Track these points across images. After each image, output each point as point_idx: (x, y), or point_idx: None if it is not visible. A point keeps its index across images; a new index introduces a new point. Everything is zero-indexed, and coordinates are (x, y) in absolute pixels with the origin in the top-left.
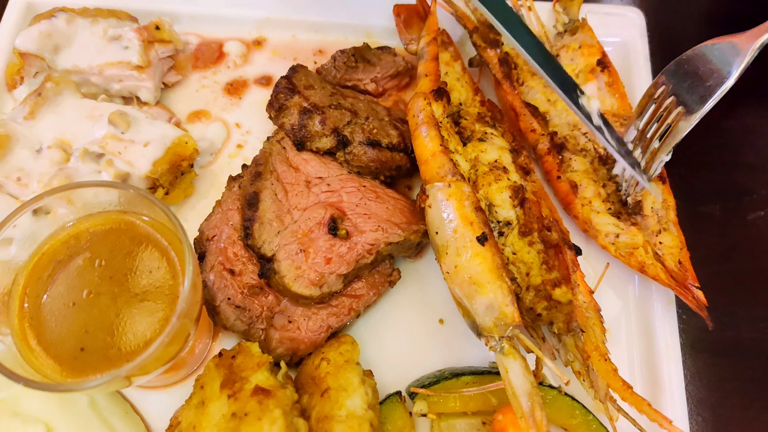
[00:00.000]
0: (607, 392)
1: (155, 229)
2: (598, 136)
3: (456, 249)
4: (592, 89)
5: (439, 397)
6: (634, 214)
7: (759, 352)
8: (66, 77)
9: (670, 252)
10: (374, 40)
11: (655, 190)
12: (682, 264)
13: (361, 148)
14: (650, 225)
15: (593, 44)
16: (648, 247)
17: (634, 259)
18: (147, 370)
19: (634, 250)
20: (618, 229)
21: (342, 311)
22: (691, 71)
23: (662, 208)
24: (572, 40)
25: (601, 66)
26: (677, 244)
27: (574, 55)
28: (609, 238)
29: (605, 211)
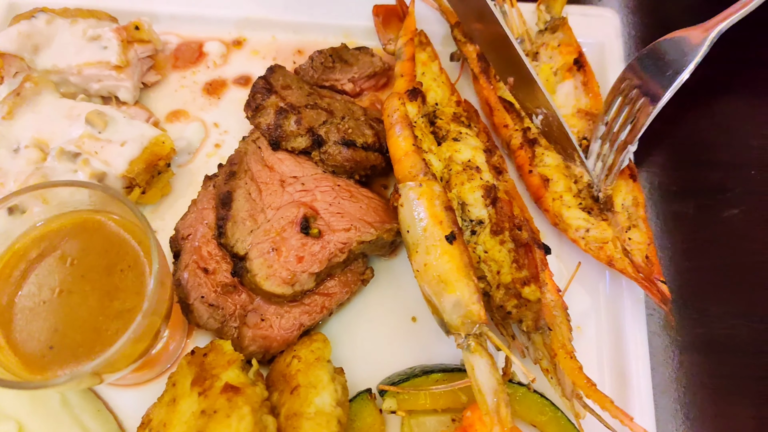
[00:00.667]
0: (573, 389)
1: (125, 229)
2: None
3: (426, 247)
4: (569, 87)
5: (408, 395)
6: (605, 210)
7: (730, 348)
8: (45, 77)
9: (638, 247)
10: (353, 40)
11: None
12: (649, 259)
13: (336, 147)
14: (620, 221)
15: (571, 43)
16: (617, 242)
17: (603, 253)
18: (116, 367)
19: (604, 245)
20: (588, 223)
21: (314, 309)
22: (651, 65)
23: (632, 204)
24: (552, 38)
25: (577, 65)
26: (645, 239)
27: (552, 53)
28: (579, 232)
29: (576, 206)
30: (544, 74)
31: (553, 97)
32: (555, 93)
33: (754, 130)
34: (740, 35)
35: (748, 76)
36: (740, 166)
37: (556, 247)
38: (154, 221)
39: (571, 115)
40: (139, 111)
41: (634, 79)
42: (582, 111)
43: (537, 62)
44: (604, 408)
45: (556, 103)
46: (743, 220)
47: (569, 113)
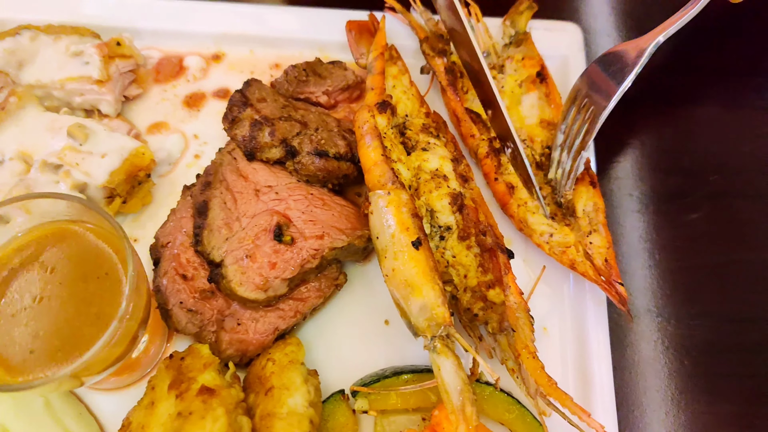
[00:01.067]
0: (536, 388)
1: (102, 238)
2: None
3: (394, 253)
4: (533, 98)
5: (380, 395)
6: (567, 215)
7: (689, 347)
8: (29, 91)
9: (598, 251)
10: (327, 55)
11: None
12: (608, 262)
13: (309, 157)
14: (582, 226)
15: (534, 56)
16: (579, 246)
17: (566, 257)
18: (93, 370)
19: (566, 249)
20: (552, 228)
21: (289, 314)
22: (599, 76)
23: (593, 210)
24: (516, 51)
25: (540, 78)
26: (605, 243)
27: (517, 66)
28: (543, 237)
29: (539, 212)
30: (510, 86)
31: (518, 107)
32: (520, 104)
33: (714, 137)
34: (702, 44)
35: (709, 84)
36: (701, 172)
37: (522, 252)
38: (135, 230)
39: (536, 125)
40: (120, 123)
41: (585, 90)
42: (545, 121)
43: (503, 74)
44: (564, 405)
45: (522, 113)
46: (703, 224)
47: (534, 123)
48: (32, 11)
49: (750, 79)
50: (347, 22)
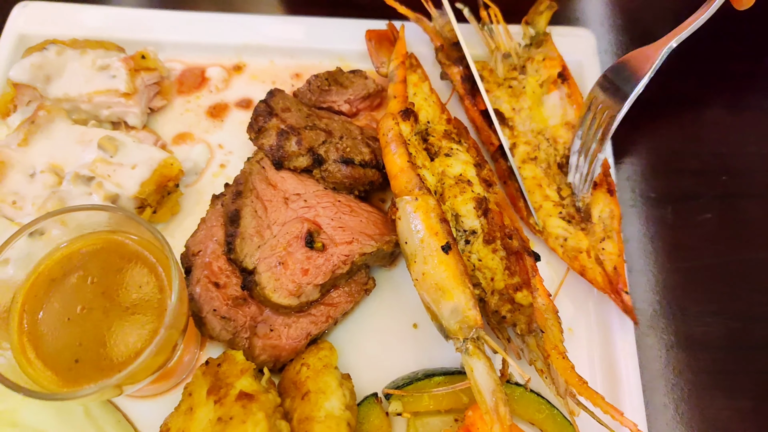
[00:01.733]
0: (566, 388)
1: (143, 247)
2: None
3: (423, 257)
4: (555, 99)
5: (413, 397)
6: (584, 220)
7: (708, 344)
8: (57, 105)
9: (609, 258)
10: (347, 64)
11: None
12: (617, 270)
13: (336, 165)
14: (596, 231)
15: (555, 57)
16: (591, 251)
17: (578, 262)
18: (137, 378)
19: (578, 254)
20: (567, 233)
21: (320, 319)
22: (613, 82)
23: (608, 217)
24: (537, 52)
25: (561, 78)
26: (616, 251)
27: (538, 67)
28: (558, 240)
29: (556, 215)
30: (531, 86)
31: (541, 108)
32: (543, 104)
33: (722, 139)
34: (708, 48)
35: (715, 87)
36: (711, 173)
37: (546, 254)
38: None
39: (560, 125)
40: (147, 135)
41: (600, 96)
42: (569, 123)
43: (524, 75)
44: (595, 404)
45: (544, 114)
46: (715, 224)
47: (558, 123)
48: (57, 26)
49: (755, 81)
50: (367, 31)
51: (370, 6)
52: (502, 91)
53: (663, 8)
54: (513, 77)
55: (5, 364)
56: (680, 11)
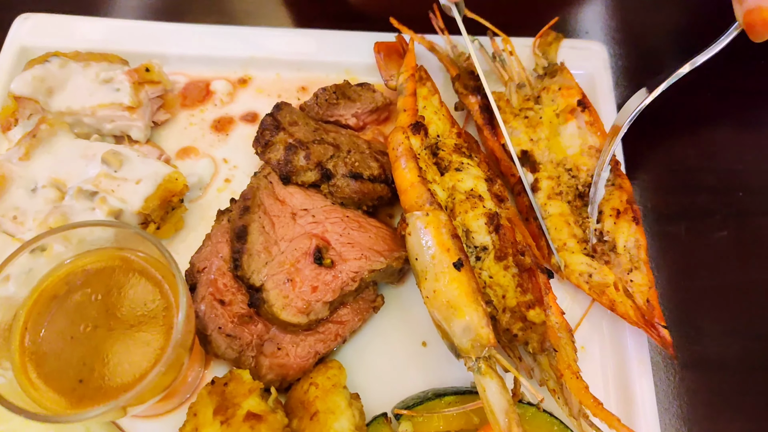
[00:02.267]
0: (580, 409)
1: (149, 264)
2: None
3: (434, 274)
4: (572, 128)
5: (423, 418)
6: (608, 251)
7: (723, 364)
8: (60, 119)
9: (639, 290)
10: (353, 77)
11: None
12: (650, 302)
13: (344, 180)
14: (622, 263)
15: (572, 86)
16: (619, 284)
17: (606, 297)
18: (143, 399)
19: (606, 289)
20: (591, 268)
21: (329, 337)
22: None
23: (634, 246)
24: (552, 82)
25: (581, 106)
26: (646, 282)
27: (554, 96)
28: (583, 277)
29: (580, 251)
30: (548, 116)
31: (559, 138)
32: (560, 135)
33: (738, 155)
34: (722, 66)
35: (729, 104)
36: (727, 190)
37: (571, 291)
38: None
39: (579, 154)
40: (151, 149)
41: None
42: (593, 147)
43: (540, 105)
44: (611, 427)
45: (563, 143)
46: (731, 242)
47: (577, 152)
48: (58, 38)
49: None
50: (375, 43)
51: (378, 19)
52: (518, 122)
53: (672, 20)
54: (528, 107)
55: (6, 384)
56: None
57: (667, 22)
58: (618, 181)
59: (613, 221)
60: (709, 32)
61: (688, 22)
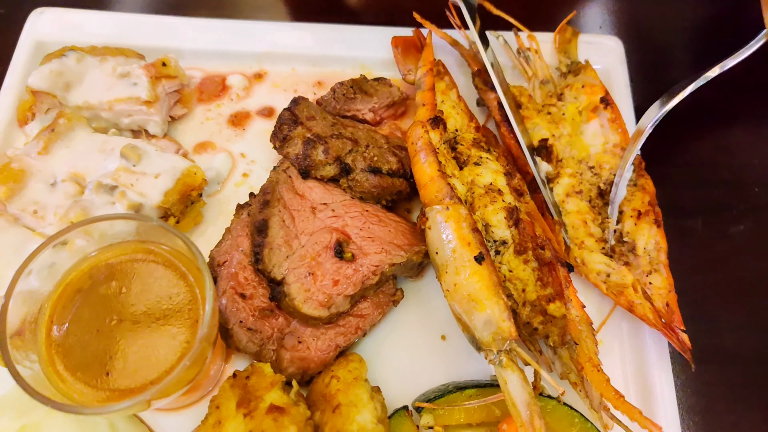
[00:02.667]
0: (600, 401)
1: (173, 257)
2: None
3: (455, 268)
4: (595, 127)
5: (444, 411)
6: (626, 252)
7: (740, 357)
8: (77, 113)
9: (658, 293)
10: (369, 71)
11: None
12: (669, 306)
13: (363, 175)
14: (641, 265)
15: (596, 84)
16: (637, 286)
17: (624, 298)
18: (169, 392)
19: (624, 290)
20: (609, 268)
21: (349, 330)
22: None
23: (654, 249)
24: (576, 80)
25: (604, 103)
26: (666, 286)
27: (577, 94)
28: (600, 276)
29: (598, 250)
30: (570, 114)
31: (581, 136)
32: (583, 133)
33: (754, 150)
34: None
35: (745, 100)
36: (743, 185)
37: (589, 291)
38: None
39: (602, 152)
40: (168, 143)
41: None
42: (617, 145)
43: (563, 102)
44: (633, 419)
45: (585, 141)
46: (748, 236)
47: (599, 150)
48: (74, 33)
49: None
50: (393, 38)
51: (394, 13)
52: (541, 118)
53: (685, 14)
54: (551, 104)
55: (33, 376)
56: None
57: (680, 16)
58: (641, 181)
59: (633, 222)
60: (722, 26)
61: (701, 16)
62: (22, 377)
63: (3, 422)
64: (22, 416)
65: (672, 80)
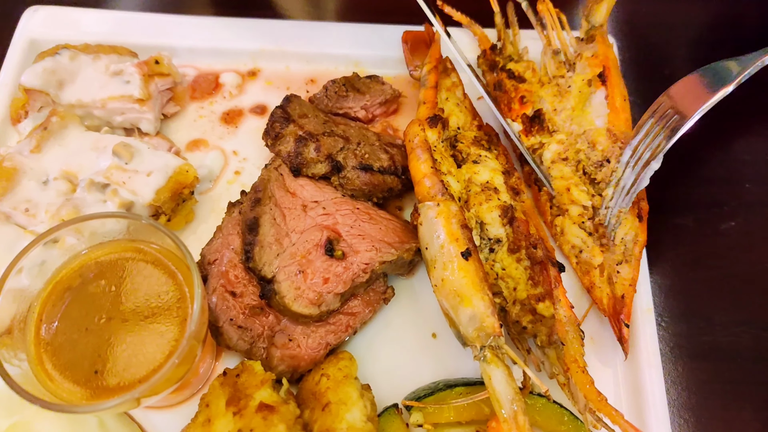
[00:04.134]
0: (586, 403)
1: (162, 255)
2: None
3: (443, 263)
4: (600, 97)
5: (434, 409)
6: (605, 236)
7: (734, 354)
8: (70, 111)
9: (622, 283)
10: (362, 69)
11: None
12: (625, 299)
13: (355, 172)
14: (615, 253)
15: (599, 55)
16: (604, 270)
17: (587, 278)
18: (157, 390)
19: (591, 270)
20: (584, 245)
21: (340, 329)
22: (688, 89)
23: (631, 241)
24: (587, 48)
25: (601, 79)
26: (630, 279)
27: (585, 65)
28: (574, 250)
29: (579, 224)
30: (578, 85)
31: (587, 108)
32: (589, 103)
33: (746, 147)
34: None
35: (740, 94)
36: (735, 181)
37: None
38: None
39: (603, 130)
40: (161, 141)
41: (668, 102)
42: (611, 131)
43: (572, 73)
44: (614, 422)
45: (590, 113)
46: (740, 232)
47: (601, 127)
48: (67, 31)
49: None
50: (404, 33)
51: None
52: (545, 91)
53: (679, 12)
54: (561, 75)
55: (22, 374)
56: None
57: (674, 13)
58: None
59: (628, 207)
60: (717, 23)
61: (695, 14)
62: (11, 376)
63: None
64: (12, 414)
65: (666, 78)
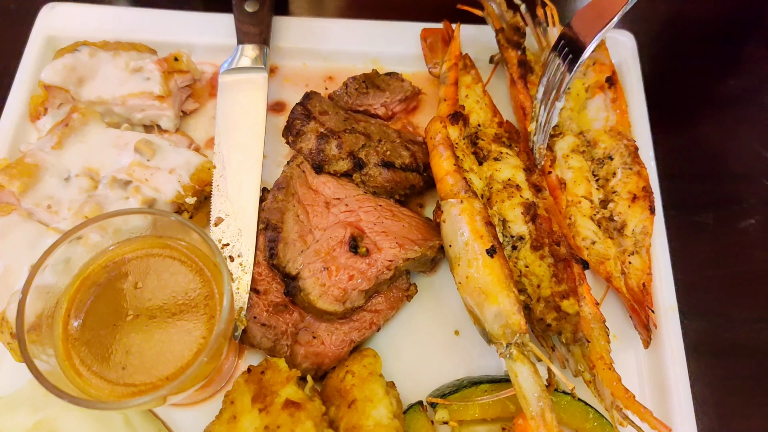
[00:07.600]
0: (612, 400)
1: (190, 252)
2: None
3: (467, 260)
4: (598, 102)
5: (459, 406)
6: (614, 230)
7: (754, 350)
8: (91, 108)
9: (635, 273)
10: (381, 66)
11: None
12: (645, 287)
13: (377, 169)
14: (626, 244)
15: (605, 62)
16: (617, 261)
17: (603, 268)
18: (185, 387)
19: (605, 261)
20: (596, 236)
21: (363, 325)
22: (582, 25)
23: (641, 232)
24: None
25: (609, 83)
26: (645, 268)
27: (587, 70)
28: (585, 242)
29: (590, 216)
30: (576, 89)
31: (585, 112)
32: (586, 108)
33: (763, 142)
34: (749, 50)
35: (757, 89)
36: (753, 177)
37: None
38: None
39: (602, 131)
40: (181, 138)
41: (567, 36)
42: (614, 130)
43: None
44: (643, 419)
45: (588, 116)
46: (760, 229)
47: (600, 128)
48: (85, 27)
49: None
50: (422, 30)
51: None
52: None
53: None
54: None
55: (50, 370)
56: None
57: (692, 9)
58: (636, 167)
59: (627, 204)
60: (734, 19)
61: (713, 10)
62: (40, 372)
63: (19, 417)
64: (37, 411)
65: (685, 75)
